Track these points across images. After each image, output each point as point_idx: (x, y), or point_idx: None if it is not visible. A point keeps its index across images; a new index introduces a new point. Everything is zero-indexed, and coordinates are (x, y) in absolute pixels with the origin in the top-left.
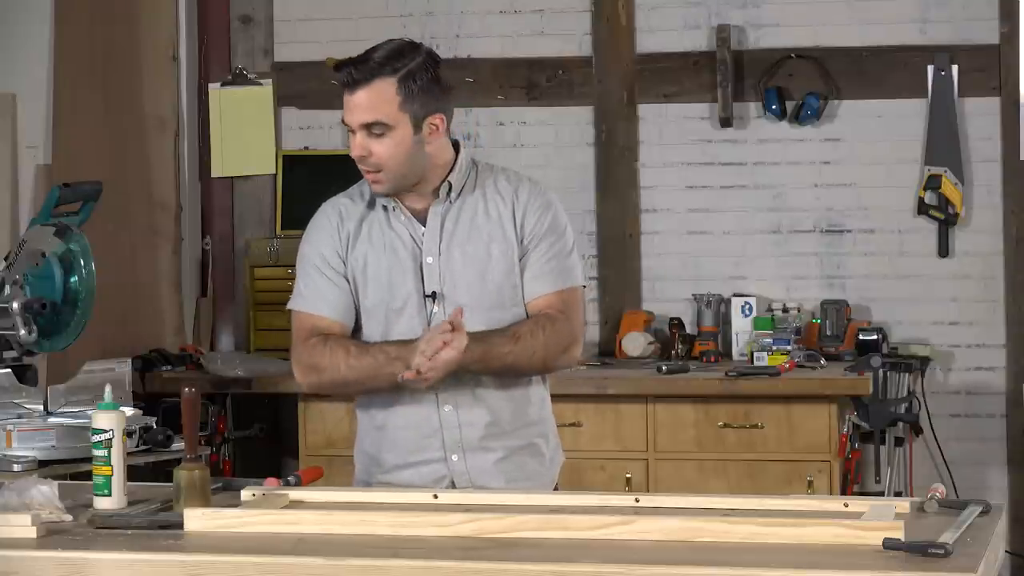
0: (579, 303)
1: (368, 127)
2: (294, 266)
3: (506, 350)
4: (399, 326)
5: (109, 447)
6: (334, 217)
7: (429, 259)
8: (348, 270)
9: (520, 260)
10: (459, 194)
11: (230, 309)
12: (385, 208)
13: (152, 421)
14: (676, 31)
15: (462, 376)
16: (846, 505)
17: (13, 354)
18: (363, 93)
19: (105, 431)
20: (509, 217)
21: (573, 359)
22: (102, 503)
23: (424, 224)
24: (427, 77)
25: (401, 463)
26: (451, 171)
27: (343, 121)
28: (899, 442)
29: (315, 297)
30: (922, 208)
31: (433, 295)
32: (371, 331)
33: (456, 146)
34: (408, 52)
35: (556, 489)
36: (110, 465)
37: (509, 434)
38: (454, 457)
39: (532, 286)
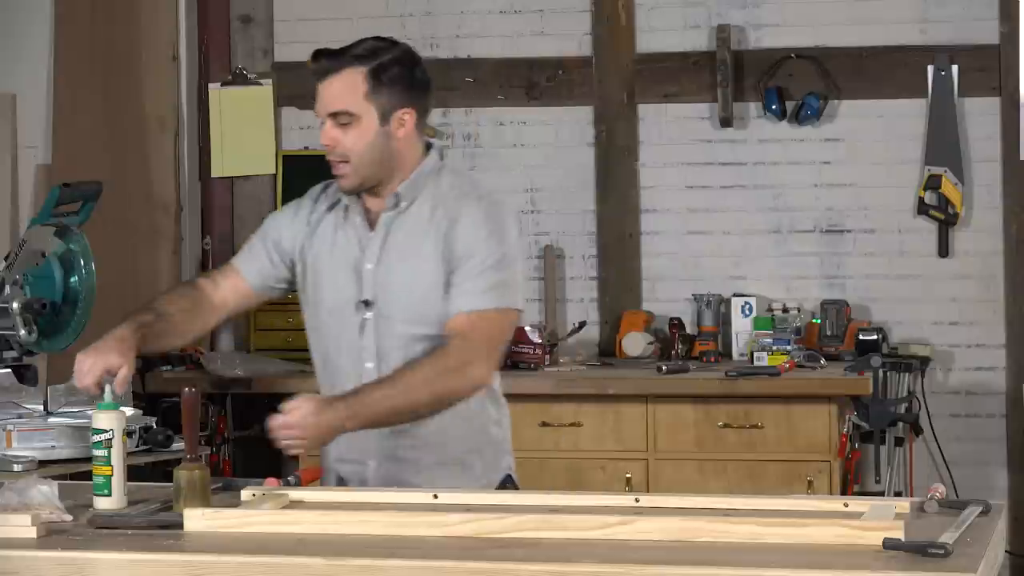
0: (493, 325)
1: (335, 116)
2: None
3: (379, 396)
4: (334, 327)
5: (109, 447)
6: (303, 210)
7: (369, 265)
8: (296, 259)
9: (449, 280)
10: (411, 203)
11: None
12: (346, 211)
13: (152, 421)
14: (676, 31)
15: None
16: (846, 505)
17: (13, 354)
18: (332, 81)
19: (105, 431)
20: (447, 237)
21: (473, 381)
22: (102, 503)
23: (373, 228)
24: (398, 71)
25: (339, 456)
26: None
27: (315, 111)
28: (899, 442)
29: (245, 255)
30: (922, 208)
31: (366, 302)
32: (311, 326)
33: (429, 150)
34: (384, 47)
35: None
36: (110, 465)
37: (436, 447)
38: (371, 463)
39: (449, 305)
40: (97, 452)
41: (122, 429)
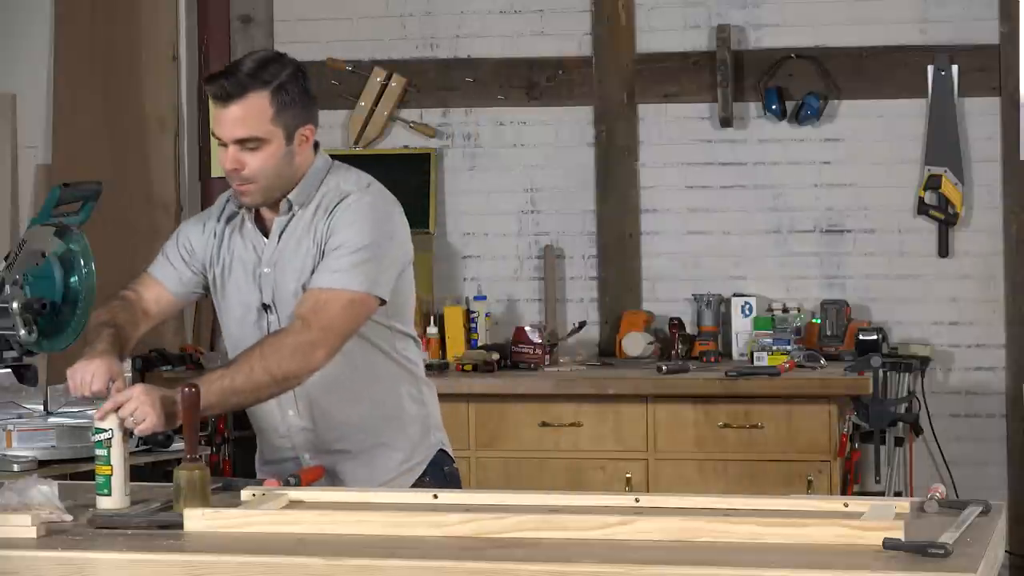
0: (340, 307)
1: (242, 142)
2: None
3: (215, 376)
4: (243, 333)
5: (109, 447)
6: (212, 219)
7: (266, 270)
8: (201, 267)
9: None
10: (301, 206)
11: None
12: (241, 221)
13: None
14: (676, 31)
15: (307, 384)
16: (846, 505)
17: (13, 354)
18: (237, 107)
19: (105, 430)
20: (323, 232)
21: (309, 364)
22: (103, 503)
23: (268, 235)
24: (297, 89)
25: (269, 458)
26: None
27: (213, 134)
28: (899, 442)
29: (160, 262)
30: (922, 208)
31: (266, 306)
32: (225, 333)
33: (316, 152)
34: (277, 63)
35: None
36: (110, 464)
37: (356, 434)
38: (306, 456)
39: (310, 283)
40: (98, 451)
41: (122, 429)
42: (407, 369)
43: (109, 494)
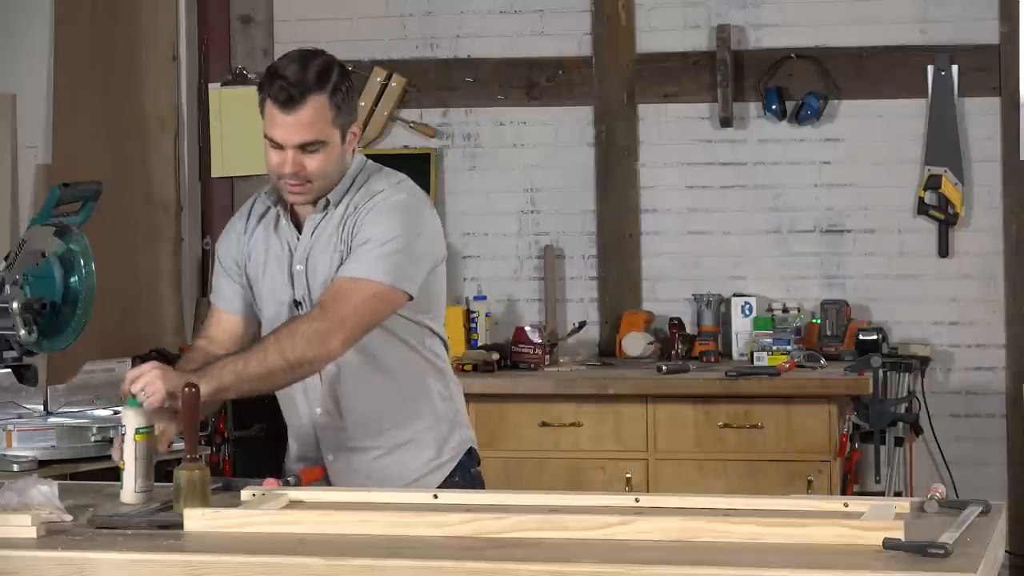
0: (359, 295)
1: (303, 145)
2: None
3: (230, 358)
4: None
5: (122, 442)
6: (241, 220)
7: (298, 267)
8: (245, 274)
9: None
10: (336, 205)
11: None
12: (276, 218)
13: None
14: (676, 31)
15: (326, 376)
16: (846, 505)
17: (13, 354)
18: (302, 112)
19: (122, 427)
20: (351, 228)
21: (327, 351)
22: (122, 495)
23: (301, 232)
24: (346, 87)
25: (295, 459)
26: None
27: (268, 136)
28: (899, 442)
29: (218, 293)
30: (922, 208)
31: (297, 303)
32: (264, 332)
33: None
34: (327, 63)
35: (453, 482)
36: (123, 460)
37: (385, 432)
38: (330, 457)
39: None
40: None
41: (137, 427)
42: (436, 366)
43: (121, 487)
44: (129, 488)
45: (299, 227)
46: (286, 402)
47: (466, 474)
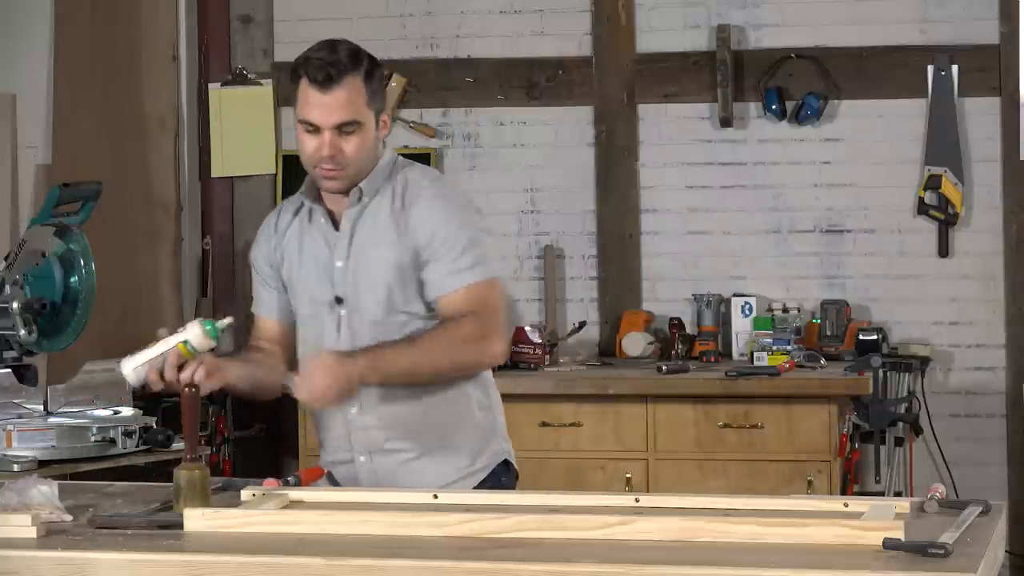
0: (491, 295)
1: (340, 127)
2: None
3: (399, 353)
4: (314, 328)
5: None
6: (269, 225)
7: (339, 263)
8: (279, 276)
9: (419, 265)
10: (371, 198)
11: (230, 309)
12: (310, 214)
13: (152, 421)
14: (676, 31)
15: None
16: (846, 505)
17: (13, 354)
18: (339, 91)
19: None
20: (404, 223)
21: (491, 353)
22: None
23: (338, 228)
24: (378, 73)
25: (328, 460)
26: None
27: (304, 119)
28: (899, 442)
29: (257, 301)
30: (922, 208)
31: (338, 299)
32: (300, 331)
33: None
34: (357, 48)
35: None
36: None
37: (419, 435)
38: (361, 458)
39: (436, 288)
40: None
41: (186, 341)
42: (477, 374)
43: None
44: (131, 363)
45: (334, 223)
46: None
47: (497, 485)
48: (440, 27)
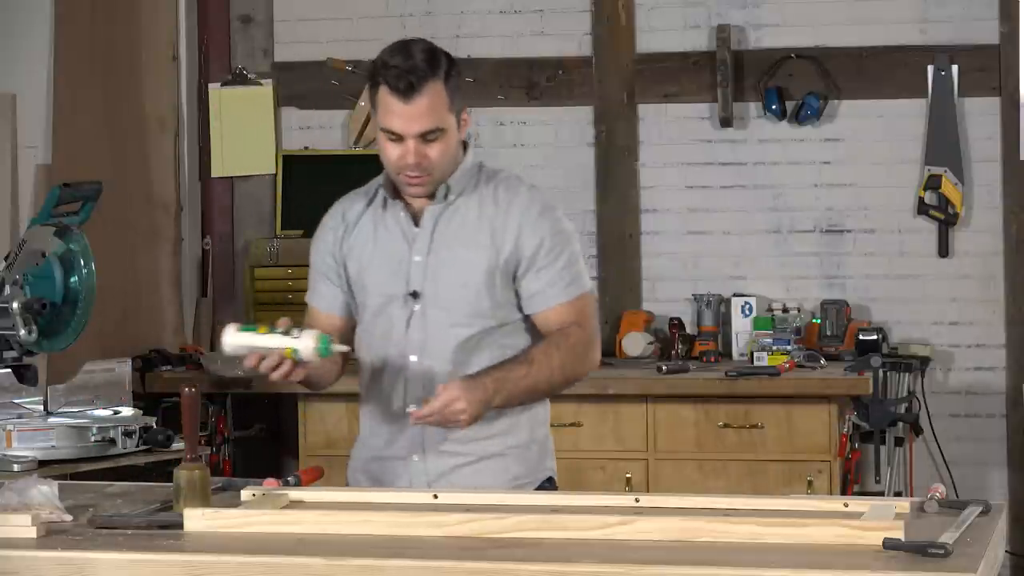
0: (591, 308)
1: (424, 135)
2: (294, 266)
3: (521, 374)
4: (381, 322)
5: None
6: (335, 217)
7: (417, 258)
8: (344, 269)
9: (519, 274)
10: (457, 196)
11: (230, 309)
12: (384, 205)
13: (152, 421)
14: (676, 31)
15: (435, 378)
16: (846, 505)
17: (13, 354)
18: (422, 100)
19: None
20: (502, 228)
21: (593, 364)
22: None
23: (418, 224)
24: (457, 73)
25: (369, 456)
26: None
27: (386, 128)
28: (899, 442)
29: (314, 293)
30: (922, 208)
31: (415, 294)
32: (364, 324)
33: (464, 145)
34: (433, 48)
35: None
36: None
37: (475, 441)
38: (415, 457)
39: (540, 300)
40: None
41: (295, 350)
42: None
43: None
44: (237, 339)
45: (414, 218)
46: (378, 397)
47: None
48: (440, 27)
